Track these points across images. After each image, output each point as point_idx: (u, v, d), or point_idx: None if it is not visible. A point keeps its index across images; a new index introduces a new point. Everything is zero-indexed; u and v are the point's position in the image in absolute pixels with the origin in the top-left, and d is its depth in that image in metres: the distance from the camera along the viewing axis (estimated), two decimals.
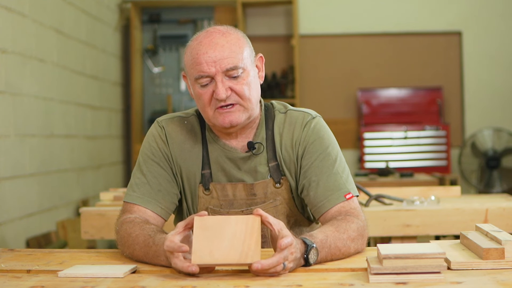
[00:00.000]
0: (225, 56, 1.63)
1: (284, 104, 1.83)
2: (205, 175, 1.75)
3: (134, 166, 1.81)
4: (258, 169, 1.74)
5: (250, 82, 1.67)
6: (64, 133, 4.37)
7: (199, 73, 1.64)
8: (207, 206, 1.75)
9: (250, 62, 1.69)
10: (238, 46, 1.66)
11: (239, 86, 1.65)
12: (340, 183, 1.70)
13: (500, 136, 5.72)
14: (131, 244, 1.60)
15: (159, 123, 1.80)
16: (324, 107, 5.88)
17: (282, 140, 1.76)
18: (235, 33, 1.69)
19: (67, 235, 4.22)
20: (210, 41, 1.65)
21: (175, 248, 1.40)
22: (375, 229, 2.53)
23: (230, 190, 1.74)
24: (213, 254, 1.38)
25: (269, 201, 1.74)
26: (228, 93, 1.64)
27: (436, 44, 6.08)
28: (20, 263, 1.61)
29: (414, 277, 1.30)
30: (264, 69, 1.76)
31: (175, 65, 5.97)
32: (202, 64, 1.63)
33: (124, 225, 1.66)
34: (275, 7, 6.12)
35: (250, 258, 1.38)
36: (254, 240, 1.40)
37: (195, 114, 1.82)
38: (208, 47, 1.64)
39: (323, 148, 1.74)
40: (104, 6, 5.38)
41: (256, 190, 1.74)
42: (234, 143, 1.75)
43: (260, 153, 1.75)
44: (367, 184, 3.80)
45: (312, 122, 1.76)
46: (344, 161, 1.76)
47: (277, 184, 1.74)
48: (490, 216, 2.50)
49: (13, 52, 3.59)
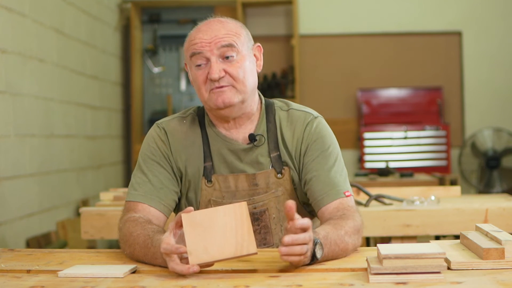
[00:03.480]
0: (220, 36, 1.69)
1: (285, 102, 1.86)
2: (207, 167, 1.77)
3: (134, 168, 1.82)
4: (260, 160, 1.77)
5: (245, 67, 1.72)
6: (64, 133, 4.37)
7: (193, 50, 1.70)
8: (210, 198, 1.77)
9: (247, 48, 1.75)
10: (235, 30, 1.73)
11: (233, 69, 1.70)
12: (340, 180, 1.74)
13: (500, 136, 5.72)
14: (131, 244, 1.61)
15: (158, 125, 1.83)
16: (324, 107, 5.87)
17: (283, 134, 1.79)
18: (233, 21, 1.76)
19: (67, 235, 4.22)
20: (208, 26, 1.72)
21: (172, 250, 1.40)
22: (375, 229, 2.54)
23: (232, 182, 1.77)
24: (209, 251, 1.38)
25: (271, 191, 1.77)
26: (222, 74, 1.69)
27: (436, 44, 6.08)
28: (20, 263, 1.61)
29: (414, 277, 1.30)
30: (262, 58, 1.81)
31: (175, 65, 5.97)
32: (197, 43, 1.70)
33: (127, 223, 1.67)
34: (275, 7, 6.12)
35: (246, 250, 1.39)
36: (246, 229, 1.40)
37: (192, 113, 1.85)
38: (205, 30, 1.71)
39: (325, 147, 1.77)
40: (104, 6, 5.38)
41: (258, 180, 1.76)
42: (234, 135, 1.78)
43: (261, 144, 1.78)
44: (367, 184, 3.80)
45: (315, 121, 1.80)
46: (342, 162, 1.80)
47: (278, 174, 1.77)
48: (490, 216, 2.50)
49: (13, 52, 3.59)
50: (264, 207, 1.77)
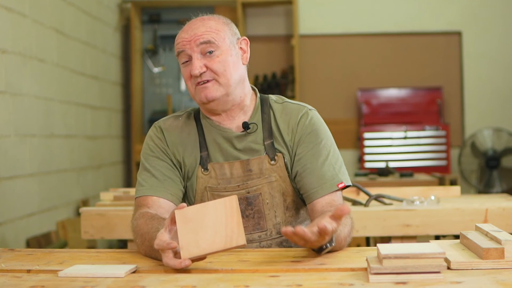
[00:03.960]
0: (198, 34, 1.78)
1: (280, 97, 1.93)
2: (203, 156, 1.84)
3: (139, 168, 1.90)
4: (254, 147, 1.83)
5: (227, 61, 1.77)
6: (64, 133, 4.37)
7: (177, 50, 1.81)
8: (206, 185, 1.83)
9: (229, 43, 1.80)
10: (215, 27, 1.80)
11: (213, 63, 1.76)
12: (333, 173, 1.79)
13: (500, 136, 5.72)
14: (140, 238, 1.67)
15: (155, 125, 1.93)
16: (324, 107, 5.87)
17: (278, 124, 1.85)
18: (214, 18, 1.84)
19: (67, 235, 4.22)
20: (189, 26, 1.83)
21: (164, 246, 1.44)
22: (375, 229, 2.54)
23: (227, 169, 1.82)
24: (200, 245, 1.42)
25: (264, 177, 1.82)
26: (203, 70, 1.76)
27: (436, 44, 6.08)
28: (20, 263, 1.61)
29: (414, 277, 1.30)
30: (249, 51, 1.86)
31: (175, 65, 5.96)
32: (179, 42, 1.81)
33: (139, 219, 1.72)
34: (275, 7, 6.12)
35: (235, 242, 1.42)
36: (235, 221, 1.43)
37: (188, 111, 1.94)
38: (186, 30, 1.82)
39: (318, 139, 1.82)
40: (104, 6, 5.38)
41: (251, 166, 1.81)
42: (228, 125, 1.85)
43: (255, 131, 1.83)
44: (367, 184, 3.80)
45: (309, 114, 1.86)
46: (338, 153, 1.85)
47: (272, 161, 1.82)
48: (490, 216, 2.50)
49: (13, 52, 3.59)
50: (258, 192, 1.82)
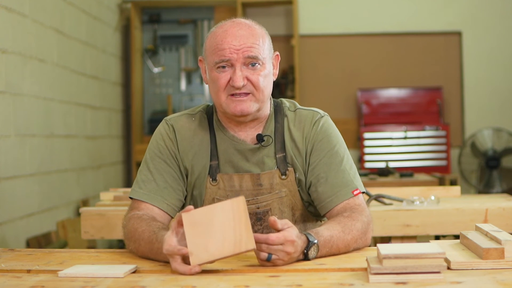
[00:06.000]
0: (248, 45, 1.69)
1: (293, 102, 1.88)
2: (212, 166, 1.79)
3: (141, 163, 1.84)
4: (265, 160, 1.78)
5: (266, 75, 1.73)
6: (64, 133, 4.37)
7: (221, 57, 1.69)
8: (214, 196, 1.78)
9: (269, 57, 1.75)
10: (262, 39, 1.73)
11: (256, 77, 1.70)
12: (348, 179, 1.75)
13: (500, 136, 5.72)
14: (136, 239, 1.63)
15: (167, 122, 1.84)
16: (324, 107, 5.79)
17: (291, 134, 1.80)
18: (259, 28, 1.76)
19: (67, 235, 4.22)
20: (236, 31, 1.71)
21: (175, 251, 1.42)
22: (375, 229, 2.51)
23: (237, 181, 1.78)
24: (209, 250, 1.39)
25: (275, 192, 1.78)
26: (245, 82, 1.69)
27: (436, 44, 6.08)
28: (20, 263, 1.61)
29: (414, 277, 1.30)
30: (278, 67, 1.82)
31: (175, 65, 5.97)
32: (225, 49, 1.69)
33: (131, 220, 1.70)
34: (275, 7, 6.12)
35: (244, 246, 1.40)
36: (243, 225, 1.40)
37: (201, 111, 1.86)
38: (233, 36, 1.70)
39: (331, 146, 1.79)
40: (104, 6, 5.38)
41: (262, 180, 1.77)
42: (242, 136, 1.79)
43: (269, 145, 1.78)
44: (367, 184, 3.78)
45: (321, 120, 1.82)
46: (351, 158, 1.82)
47: (283, 175, 1.78)
48: (490, 216, 2.50)
49: (13, 52, 3.59)
50: (268, 207, 1.78)
